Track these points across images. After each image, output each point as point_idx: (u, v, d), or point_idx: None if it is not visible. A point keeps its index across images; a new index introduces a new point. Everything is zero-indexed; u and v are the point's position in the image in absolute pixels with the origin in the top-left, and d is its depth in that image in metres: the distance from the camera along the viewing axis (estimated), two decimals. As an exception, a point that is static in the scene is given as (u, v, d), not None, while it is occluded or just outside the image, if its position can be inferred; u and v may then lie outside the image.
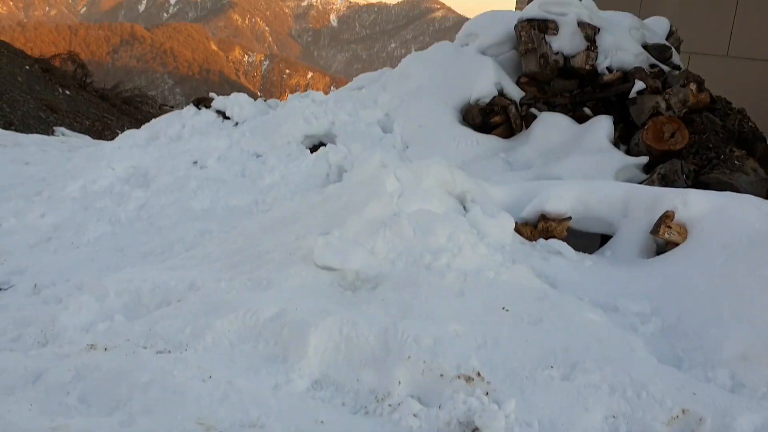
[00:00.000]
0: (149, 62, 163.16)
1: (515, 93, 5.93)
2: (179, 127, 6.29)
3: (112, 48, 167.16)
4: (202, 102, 6.65)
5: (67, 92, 17.20)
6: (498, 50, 6.19)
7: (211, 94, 6.82)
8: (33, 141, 7.21)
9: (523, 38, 5.89)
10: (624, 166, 4.94)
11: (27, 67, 17.35)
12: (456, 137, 5.56)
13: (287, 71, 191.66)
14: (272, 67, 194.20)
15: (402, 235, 3.09)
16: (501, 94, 5.83)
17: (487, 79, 5.78)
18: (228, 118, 6.37)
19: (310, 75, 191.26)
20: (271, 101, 7.20)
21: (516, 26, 6.00)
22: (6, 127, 10.87)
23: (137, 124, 18.43)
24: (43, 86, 16.52)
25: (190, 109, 6.55)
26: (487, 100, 5.76)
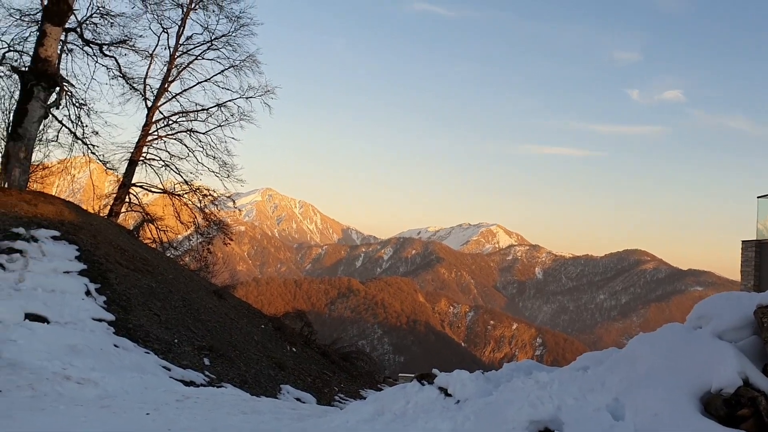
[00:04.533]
0: (362, 313, 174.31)
1: (763, 383, 5.41)
2: (404, 403, 6.52)
3: (329, 300, 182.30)
4: (425, 378, 6.90)
5: (294, 349, 18.72)
6: (737, 335, 5.82)
7: (434, 371, 7.05)
8: (268, 408, 7.82)
9: (765, 325, 5.53)
10: None
11: (263, 326, 19.42)
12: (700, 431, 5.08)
13: (492, 322, 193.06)
14: (477, 318, 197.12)
15: None
16: (746, 384, 5.35)
17: (729, 367, 5.37)
18: (450, 395, 6.51)
19: (515, 326, 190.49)
20: (490, 374, 7.27)
21: (756, 312, 5.68)
22: (240, 385, 11.97)
23: (353, 380, 19.30)
24: (274, 344, 18.14)
25: (414, 385, 6.81)
26: (731, 390, 5.30)
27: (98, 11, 20.81)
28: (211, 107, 26.98)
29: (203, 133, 26.82)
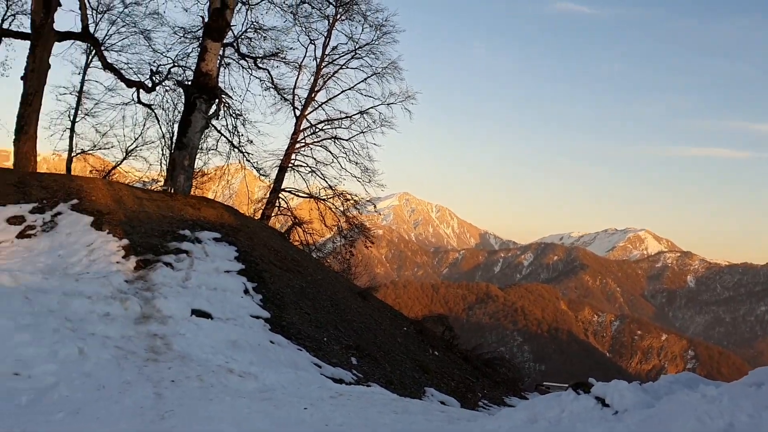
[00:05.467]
0: (500, 319, 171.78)
1: None
2: (558, 412, 6.27)
3: (467, 305, 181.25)
4: (581, 386, 6.61)
5: (436, 353, 18.74)
6: None
7: (590, 380, 6.74)
8: (418, 409, 7.83)
9: None
10: None
11: (405, 329, 19.61)
12: None
13: (639, 332, 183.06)
14: (623, 328, 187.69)
15: None
16: None
17: None
18: (607, 405, 6.18)
19: (664, 337, 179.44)
20: (648, 386, 6.82)
21: None
22: (386, 386, 12.13)
23: (496, 387, 18.98)
24: (416, 347, 18.25)
25: (570, 393, 6.54)
26: None
27: (252, 26, 22.15)
28: (354, 114, 27.76)
29: (346, 140, 27.63)
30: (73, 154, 32.33)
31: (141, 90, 21.73)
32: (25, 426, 5.53)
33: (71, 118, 31.96)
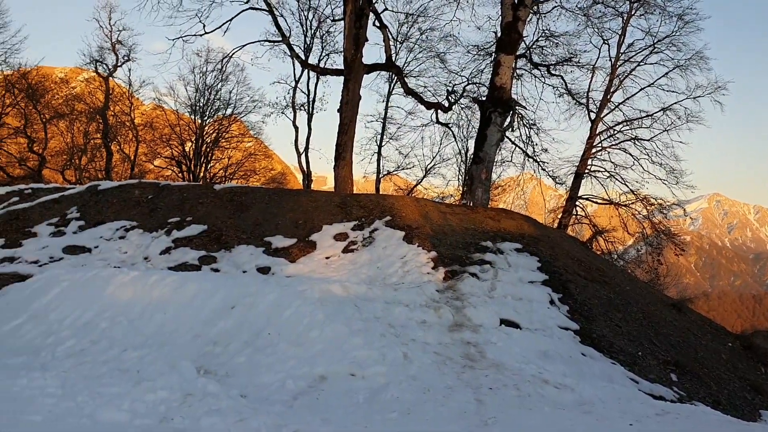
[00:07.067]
0: None
1: None
2: None
3: None
4: None
5: (770, 372, 16.37)
6: None
7: None
8: (765, 436, 6.86)
9: None
10: None
11: (729, 344, 17.47)
12: None
13: None
14: None
15: None
16: None
17: None
18: None
19: None
20: None
21: None
22: (713, 406, 10.87)
23: None
24: (744, 364, 16.15)
25: None
26: None
27: (543, 34, 22.06)
28: (655, 112, 26.04)
29: (648, 140, 25.97)
30: (380, 176, 35.61)
31: (439, 110, 23.04)
32: (364, 422, 6.11)
33: (378, 142, 35.31)
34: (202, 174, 36.79)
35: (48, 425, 4.71)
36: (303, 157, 35.27)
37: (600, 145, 27.09)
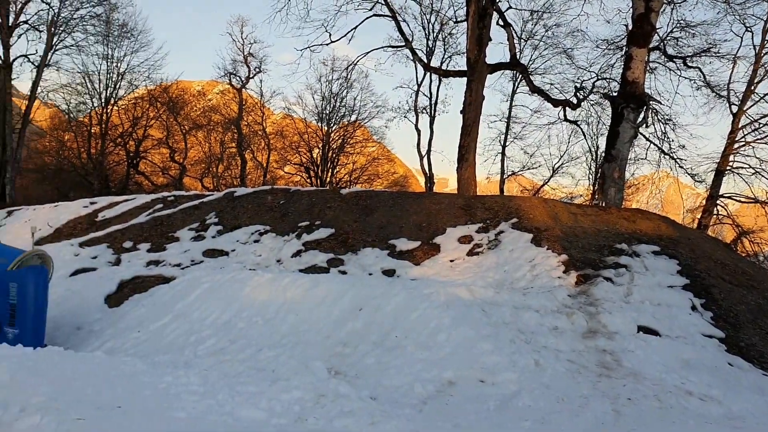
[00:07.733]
0: None
1: None
2: None
3: None
4: None
5: None
6: None
7: None
8: None
9: None
10: None
11: None
12: None
13: None
14: None
15: None
16: None
17: None
18: None
19: None
20: None
21: None
22: None
23: None
24: None
25: None
26: None
27: (678, 24, 20.73)
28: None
29: (798, 133, 23.68)
30: (504, 176, 34.99)
31: (566, 108, 22.26)
32: (497, 430, 5.95)
33: (501, 142, 34.75)
34: (328, 179, 37.93)
35: (192, 422, 4.96)
36: (425, 159, 35.41)
37: (743, 139, 25.07)
